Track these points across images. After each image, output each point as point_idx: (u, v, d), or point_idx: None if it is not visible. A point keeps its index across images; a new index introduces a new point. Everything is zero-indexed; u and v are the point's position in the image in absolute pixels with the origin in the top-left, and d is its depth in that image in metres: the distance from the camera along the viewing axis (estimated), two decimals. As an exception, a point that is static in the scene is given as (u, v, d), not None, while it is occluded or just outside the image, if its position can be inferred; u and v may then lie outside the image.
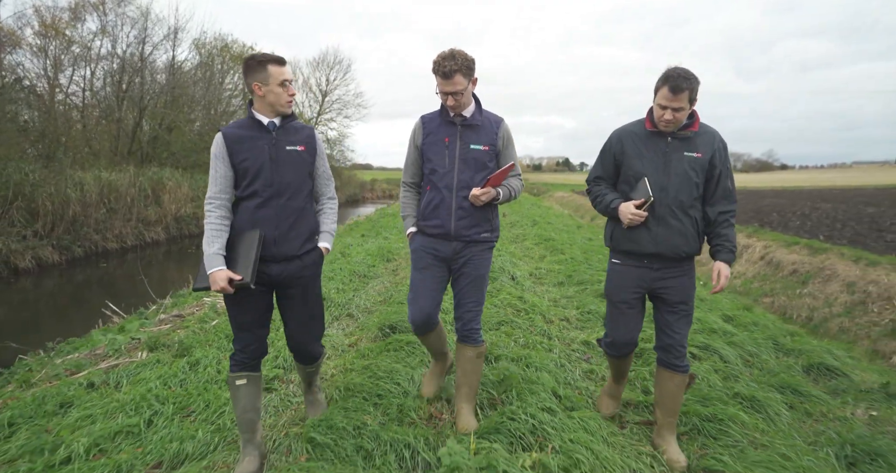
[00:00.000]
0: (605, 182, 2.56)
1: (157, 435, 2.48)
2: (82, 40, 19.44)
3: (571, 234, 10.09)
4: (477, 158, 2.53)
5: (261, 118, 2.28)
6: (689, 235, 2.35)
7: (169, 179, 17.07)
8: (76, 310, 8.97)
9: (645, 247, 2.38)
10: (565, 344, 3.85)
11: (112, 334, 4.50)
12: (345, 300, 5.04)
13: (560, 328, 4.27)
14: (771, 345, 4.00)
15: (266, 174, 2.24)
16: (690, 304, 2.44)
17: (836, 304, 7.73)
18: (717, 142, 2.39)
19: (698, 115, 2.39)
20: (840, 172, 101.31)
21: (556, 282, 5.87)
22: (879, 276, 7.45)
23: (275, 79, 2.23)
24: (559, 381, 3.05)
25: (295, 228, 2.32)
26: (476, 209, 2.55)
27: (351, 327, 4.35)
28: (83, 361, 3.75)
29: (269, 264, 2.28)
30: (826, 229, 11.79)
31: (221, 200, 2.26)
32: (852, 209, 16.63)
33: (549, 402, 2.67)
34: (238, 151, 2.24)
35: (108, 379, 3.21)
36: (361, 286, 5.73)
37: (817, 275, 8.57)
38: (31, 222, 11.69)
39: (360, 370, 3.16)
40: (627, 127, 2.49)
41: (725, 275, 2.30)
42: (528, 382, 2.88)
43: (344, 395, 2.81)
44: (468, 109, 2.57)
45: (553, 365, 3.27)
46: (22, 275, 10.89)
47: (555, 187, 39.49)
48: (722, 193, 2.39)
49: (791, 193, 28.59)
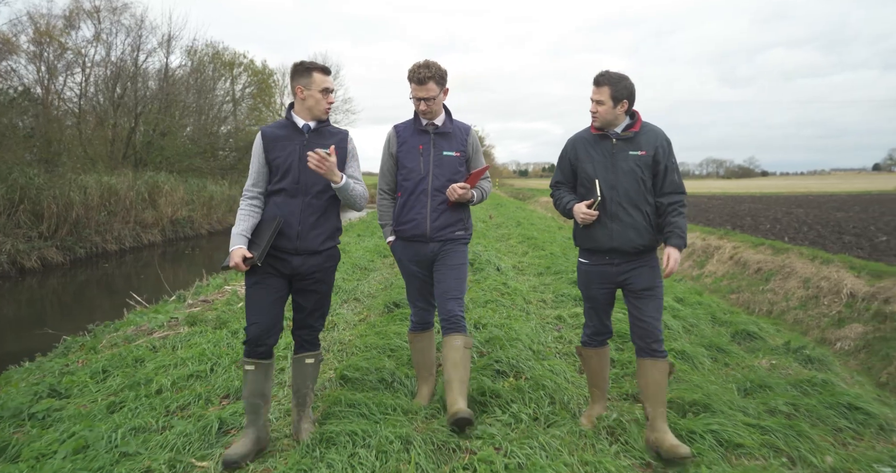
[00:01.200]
0: (565, 186, 2.75)
1: (220, 378, 3.20)
2: (76, 47, 19.88)
3: (552, 233, 10.96)
4: (449, 163, 2.70)
5: (297, 120, 2.46)
6: (641, 228, 2.50)
7: (165, 183, 17.58)
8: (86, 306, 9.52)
9: (602, 243, 2.53)
10: (541, 318, 4.64)
11: (149, 314, 5.16)
12: (351, 287, 5.78)
13: (537, 306, 5.06)
14: (709, 318, 4.84)
15: (294, 173, 2.39)
16: (656, 290, 2.55)
17: (792, 298, 8.63)
18: (660, 139, 2.55)
19: (640, 116, 2.59)
20: (819, 178, 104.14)
21: (536, 273, 6.69)
22: (831, 273, 8.36)
23: (317, 85, 2.40)
24: (533, 341, 3.83)
25: (318, 225, 2.44)
26: (450, 210, 2.70)
27: (359, 307, 5.10)
28: (132, 335, 4.43)
29: (292, 257, 2.41)
30: (793, 231, 12.64)
31: (254, 191, 2.47)
32: (823, 214, 17.59)
33: (525, 353, 3.45)
34: (272, 149, 2.41)
35: (164, 344, 3.91)
36: (364, 277, 6.47)
37: (778, 273, 9.48)
38: (36, 224, 12.16)
39: (373, 334, 3.90)
40: (578, 134, 2.70)
41: (675, 259, 2.42)
42: (509, 340, 3.65)
43: (363, 349, 3.56)
44: (439, 118, 2.74)
45: (530, 331, 4.05)
46: (28, 274, 11.37)
47: (540, 192, 40.40)
48: (669, 185, 2.53)
49: (768, 198, 30.09)
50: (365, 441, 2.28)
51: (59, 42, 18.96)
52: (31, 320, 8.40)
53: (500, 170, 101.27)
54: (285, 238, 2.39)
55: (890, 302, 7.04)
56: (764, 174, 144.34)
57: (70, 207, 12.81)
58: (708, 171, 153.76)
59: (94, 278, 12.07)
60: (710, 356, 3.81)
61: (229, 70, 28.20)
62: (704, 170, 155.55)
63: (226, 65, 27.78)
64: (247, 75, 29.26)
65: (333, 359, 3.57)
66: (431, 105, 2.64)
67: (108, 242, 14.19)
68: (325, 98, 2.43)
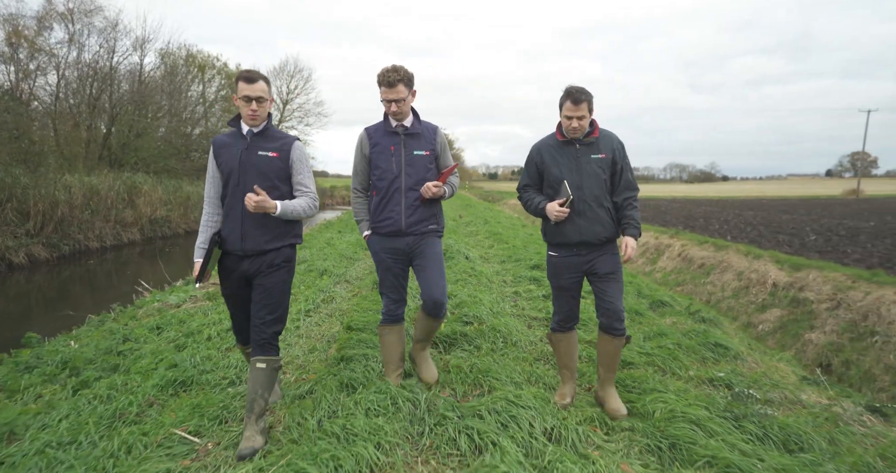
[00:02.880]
0: (533, 188, 2.96)
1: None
2: (50, 49, 20.00)
3: (516, 230, 12.14)
4: (420, 162, 2.85)
5: (242, 127, 2.56)
6: (605, 222, 2.77)
7: (143, 183, 18.00)
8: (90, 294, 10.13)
9: (572, 237, 2.77)
10: (501, 293, 5.73)
11: (165, 296, 6.00)
12: (341, 272, 6.75)
13: (499, 285, 6.15)
14: (635, 292, 6.02)
15: (235, 176, 2.48)
16: (618, 274, 2.83)
17: (727, 289, 9.97)
18: (616, 143, 2.83)
19: (597, 123, 2.84)
20: (776, 183, 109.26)
21: (499, 261, 7.80)
22: (760, 266, 9.73)
23: (239, 93, 2.48)
24: (494, 306, 4.90)
25: (261, 226, 2.48)
26: (423, 206, 2.86)
27: (350, 287, 6.07)
28: (162, 308, 5.28)
29: (241, 260, 2.50)
30: (737, 231, 14.10)
31: (211, 198, 2.58)
32: (770, 216, 19.28)
33: (486, 312, 4.50)
34: (219, 155, 2.53)
35: (196, 312, 4.80)
36: (350, 265, 7.44)
37: (717, 267, 10.83)
38: (23, 222, 12.59)
39: (366, 302, 4.89)
40: (544, 140, 2.91)
41: (632, 246, 2.67)
42: (474, 304, 4.71)
43: (359, 312, 4.54)
44: (408, 119, 2.87)
45: (491, 300, 5.11)
46: (16, 270, 11.80)
47: (509, 194, 41.98)
48: (625, 183, 2.81)
49: (725, 202, 31.96)
50: (373, 358, 3.29)
51: (31, 43, 19.11)
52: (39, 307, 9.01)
53: (470, 173, 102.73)
54: (231, 242, 2.48)
55: (804, 290, 8.45)
56: (725, 179, 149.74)
57: (56, 205, 13.27)
58: (671, 175, 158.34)
59: (79, 274, 12.55)
60: (629, 318, 4.94)
61: (202, 73, 28.51)
62: (668, 174, 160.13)
63: (199, 67, 28.08)
64: (220, 78, 29.56)
65: (336, 321, 4.55)
66: (401, 106, 2.77)
67: (90, 239, 14.64)
68: (247, 106, 2.48)
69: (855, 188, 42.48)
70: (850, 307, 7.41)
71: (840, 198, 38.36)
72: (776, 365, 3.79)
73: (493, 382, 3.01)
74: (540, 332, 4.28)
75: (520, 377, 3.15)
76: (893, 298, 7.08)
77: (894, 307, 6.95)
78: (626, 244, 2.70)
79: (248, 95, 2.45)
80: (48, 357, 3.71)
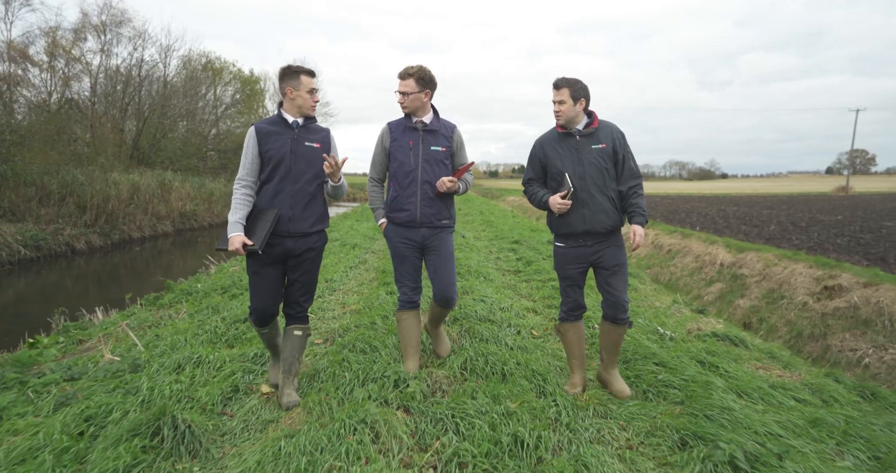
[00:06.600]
0: (536, 182, 2.96)
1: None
2: (84, 58, 21.86)
3: (507, 219, 14.13)
4: (437, 157, 2.92)
5: (287, 117, 2.65)
6: (609, 211, 2.76)
7: (173, 180, 19.89)
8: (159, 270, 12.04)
9: (577, 227, 2.77)
10: (487, 257, 7.60)
11: (230, 266, 7.86)
12: (367, 245, 8.67)
13: (486, 252, 8.05)
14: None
15: (287, 163, 2.60)
16: (624, 265, 2.84)
17: (686, 270, 11.73)
18: (615, 133, 2.82)
19: (596, 114, 2.85)
20: (775, 181, 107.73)
21: (488, 239, 9.79)
22: (713, 250, 11.50)
23: (305, 86, 2.61)
24: (482, 268, 6.74)
25: (307, 210, 2.66)
26: (437, 200, 2.93)
27: (375, 256, 7.94)
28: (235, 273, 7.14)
29: (285, 239, 2.63)
30: (710, 223, 15.08)
31: (247, 181, 2.64)
32: (752, 211, 19.79)
33: (479, 279, 6.31)
34: (265, 142, 2.61)
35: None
36: (372, 243, 9.40)
37: (681, 252, 12.59)
38: (81, 215, 14.51)
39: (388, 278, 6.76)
40: (545, 135, 2.93)
41: (640, 234, 2.67)
42: (466, 260, 6.57)
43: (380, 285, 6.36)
44: (427, 116, 2.93)
45: (479, 260, 6.97)
46: (78, 255, 13.72)
47: (508, 191, 43.64)
48: (628, 172, 2.80)
49: (715, 198, 32.33)
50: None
51: (68, 53, 20.93)
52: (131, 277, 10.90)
53: (471, 170, 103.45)
54: (279, 223, 2.61)
55: (742, 267, 10.24)
56: (724, 177, 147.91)
57: (107, 200, 15.17)
58: (671, 173, 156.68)
59: (133, 257, 14.44)
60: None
61: (219, 78, 30.32)
62: (667, 172, 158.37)
63: (217, 72, 29.88)
64: (236, 83, 31.38)
65: (372, 272, 6.40)
66: (407, 100, 2.85)
67: (133, 230, 16.53)
68: (311, 97, 2.66)
69: (844, 186, 43.14)
70: (770, 279, 9.24)
71: (829, 195, 38.25)
72: (663, 298, 5.66)
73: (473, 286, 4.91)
74: (509, 277, 6.17)
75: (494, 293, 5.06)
76: (802, 270, 8.93)
77: (801, 276, 8.81)
78: (634, 232, 2.74)
79: (313, 87, 2.67)
80: (191, 288, 5.65)
